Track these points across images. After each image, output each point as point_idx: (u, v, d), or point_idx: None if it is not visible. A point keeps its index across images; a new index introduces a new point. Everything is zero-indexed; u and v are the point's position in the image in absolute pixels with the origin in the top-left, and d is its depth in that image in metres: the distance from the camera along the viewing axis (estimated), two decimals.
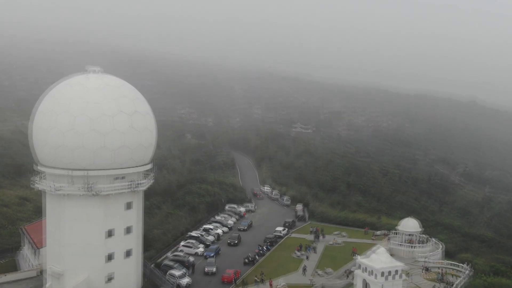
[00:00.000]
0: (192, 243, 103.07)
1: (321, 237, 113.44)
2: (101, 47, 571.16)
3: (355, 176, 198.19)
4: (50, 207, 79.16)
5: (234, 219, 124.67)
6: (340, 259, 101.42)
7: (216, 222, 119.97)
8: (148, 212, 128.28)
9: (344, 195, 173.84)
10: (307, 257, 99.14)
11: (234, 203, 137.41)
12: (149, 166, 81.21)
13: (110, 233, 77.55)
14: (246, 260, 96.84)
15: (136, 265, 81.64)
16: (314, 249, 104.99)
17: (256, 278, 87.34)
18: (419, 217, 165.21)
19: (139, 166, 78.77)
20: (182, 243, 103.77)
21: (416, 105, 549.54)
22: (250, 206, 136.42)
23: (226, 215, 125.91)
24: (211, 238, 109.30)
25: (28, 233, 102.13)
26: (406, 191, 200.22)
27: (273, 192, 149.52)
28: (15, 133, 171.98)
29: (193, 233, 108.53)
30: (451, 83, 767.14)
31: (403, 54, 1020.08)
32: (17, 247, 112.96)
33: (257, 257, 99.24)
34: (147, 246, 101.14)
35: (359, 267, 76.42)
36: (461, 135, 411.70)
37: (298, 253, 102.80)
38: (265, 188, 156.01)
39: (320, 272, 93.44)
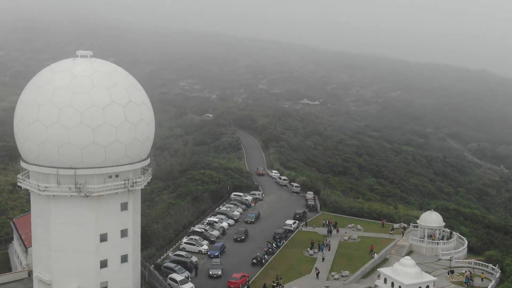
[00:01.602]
0: (195, 239, 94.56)
1: (334, 231, 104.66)
2: (100, 22, 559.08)
3: (367, 156, 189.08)
4: (36, 209, 70.74)
5: (240, 210, 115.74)
6: (357, 258, 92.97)
7: (221, 213, 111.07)
8: (148, 199, 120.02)
9: (356, 178, 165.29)
10: (323, 259, 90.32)
11: (240, 190, 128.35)
12: (146, 162, 72.09)
13: (103, 238, 69.10)
14: (255, 261, 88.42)
15: (133, 271, 73.16)
16: (328, 246, 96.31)
17: (273, 284, 79.03)
18: (436, 201, 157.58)
19: (135, 162, 69.55)
20: (184, 239, 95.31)
21: (425, 75, 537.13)
22: (258, 194, 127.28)
23: (231, 205, 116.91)
24: (215, 233, 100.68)
25: (17, 228, 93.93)
26: (421, 172, 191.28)
27: (282, 178, 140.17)
28: (8, 111, 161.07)
29: (196, 228, 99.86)
30: (461, 56, 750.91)
31: (412, 27, 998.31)
32: (9, 239, 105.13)
33: (266, 256, 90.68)
34: (146, 243, 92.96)
35: (384, 281, 67.41)
36: (473, 108, 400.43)
37: (311, 251, 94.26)
38: (273, 172, 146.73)
39: (336, 275, 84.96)
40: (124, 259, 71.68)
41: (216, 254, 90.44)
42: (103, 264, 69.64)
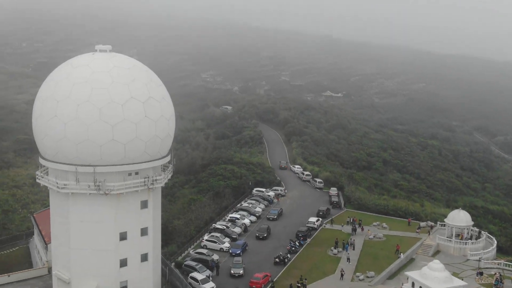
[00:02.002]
0: (216, 237, 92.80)
1: (359, 229, 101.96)
2: (122, 13, 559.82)
3: (391, 150, 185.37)
4: (55, 206, 69.59)
5: (262, 206, 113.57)
6: (382, 258, 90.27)
7: (242, 209, 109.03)
8: (169, 194, 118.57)
9: (380, 173, 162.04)
10: (348, 260, 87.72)
11: (262, 186, 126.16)
12: (166, 160, 70.26)
13: (123, 236, 67.71)
14: (277, 260, 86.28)
15: (153, 270, 71.69)
16: (353, 245, 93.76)
17: (298, 285, 76.95)
18: (462, 197, 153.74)
19: (155, 160, 67.81)
20: (206, 236, 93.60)
21: (450, 67, 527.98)
22: (280, 189, 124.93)
23: (253, 201, 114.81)
24: (237, 230, 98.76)
25: (37, 223, 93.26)
26: (447, 167, 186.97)
27: (305, 173, 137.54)
28: (30, 103, 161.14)
29: (218, 225, 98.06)
30: (486, 47, 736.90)
31: (437, 19, 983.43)
32: (30, 234, 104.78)
33: (288, 255, 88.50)
34: (166, 240, 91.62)
35: (412, 285, 64.78)
36: (499, 100, 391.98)
37: (335, 250, 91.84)
38: (296, 167, 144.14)
39: (360, 276, 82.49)
40: (144, 258, 70.28)
41: (238, 252, 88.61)
42: (123, 263, 68.34)
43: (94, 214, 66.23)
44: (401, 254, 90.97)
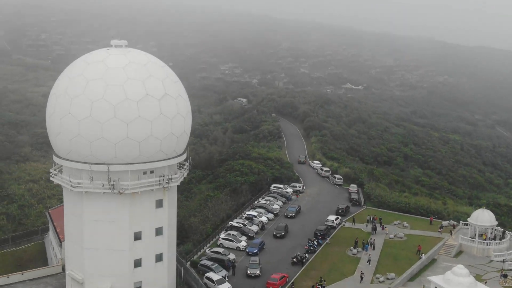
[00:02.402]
0: (233, 235, 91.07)
1: (379, 228, 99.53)
2: (141, 4, 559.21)
3: (413, 145, 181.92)
4: (68, 205, 68.54)
5: (280, 203, 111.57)
6: (403, 259, 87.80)
7: (260, 207, 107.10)
8: (186, 190, 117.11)
9: (401, 169, 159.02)
10: (369, 261, 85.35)
11: (280, 182, 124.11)
12: (182, 158, 68.58)
13: (137, 236, 66.39)
14: (295, 260, 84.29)
15: (168, 270, 70.30)
16: (373, 245, 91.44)
17: (318, 287, 75.00)
18: (485, 193, 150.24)
19: (171, 158, 66.17)
20: (222, 235, 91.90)
21: (473, 59, 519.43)
22: (298, 186, 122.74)
23: (271, 198, 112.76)
24: (254, 228, 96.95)
25: (52, 220, 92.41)
26: (469, 162, 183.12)
27: (324, 169, 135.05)
28: (48, 96, 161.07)
29: (234, 223, 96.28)
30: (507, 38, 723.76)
31: (460, 10, 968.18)
32: (46, 229, 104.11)
33: (306, 255, 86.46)
34: (182, 238, 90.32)
35: None
36: None
37: (354, 250, 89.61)
38: (315, 163, 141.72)
39: (381, 277, 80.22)
40: (159, 258, 68.98)
41: (254, 251, 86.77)
42: (137, 263, 67.13)
43: (108, 214, 65.00)
44: (423, 254, 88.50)
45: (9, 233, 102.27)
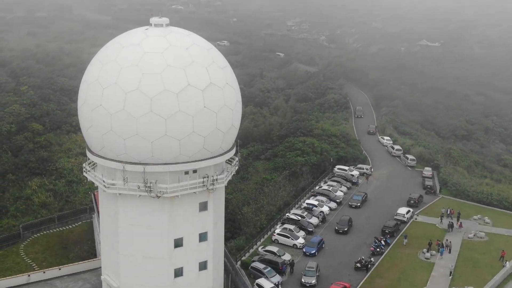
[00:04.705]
0: (290, 230, 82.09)
1: (456, 225, 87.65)
2: None
3: (495, 117, 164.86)
4: (104, 204, 61.18)
5: (344, 189, 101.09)
6: (483, 266, 76.60)
7: (321, 194, 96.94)
8: (243, 167, 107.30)
9: (481, 144, 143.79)
10: (451, 273, 73.90)
11: (345, 163, 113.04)
12: (229, 155, 59.41)
13: (178, 243, 58.26)
14: (358, 265, 74.52)
15: (213, 279, 62.23)
16: (449, 248, 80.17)
17: None
18: None
19: (216, 156, 57.05)
20: (278, 229, 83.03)
21: None
22: (366, 168, 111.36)
23: (334, 183, 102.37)
24: (314, 220, 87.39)
25: (97, 203, 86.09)
26: None
27: (395, 148, 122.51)
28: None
29: (292, 215, 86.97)
30: None
31: None
32: (93, 208, 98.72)
33: (372, 259, 76.38)
34: (233, 231, 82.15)
35: None
36: None
37: (427, 254, 78.78)
38: (385, 139, 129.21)
39: None
40: (203, 266, 60.82)
41: (312, 252, 77.62)
42: (178, 272, 59.32)
43: (145, 218, 57.23)
44: (507, 262, 76.75)
45: (56, 212, 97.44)
